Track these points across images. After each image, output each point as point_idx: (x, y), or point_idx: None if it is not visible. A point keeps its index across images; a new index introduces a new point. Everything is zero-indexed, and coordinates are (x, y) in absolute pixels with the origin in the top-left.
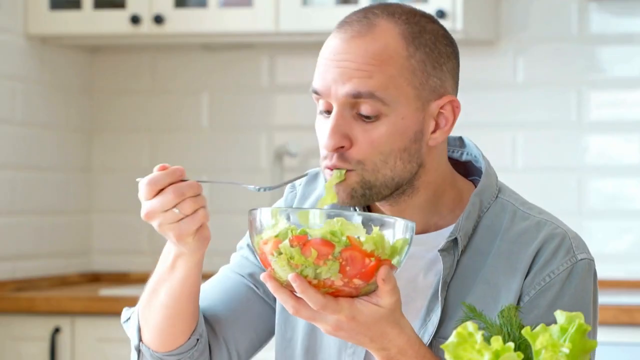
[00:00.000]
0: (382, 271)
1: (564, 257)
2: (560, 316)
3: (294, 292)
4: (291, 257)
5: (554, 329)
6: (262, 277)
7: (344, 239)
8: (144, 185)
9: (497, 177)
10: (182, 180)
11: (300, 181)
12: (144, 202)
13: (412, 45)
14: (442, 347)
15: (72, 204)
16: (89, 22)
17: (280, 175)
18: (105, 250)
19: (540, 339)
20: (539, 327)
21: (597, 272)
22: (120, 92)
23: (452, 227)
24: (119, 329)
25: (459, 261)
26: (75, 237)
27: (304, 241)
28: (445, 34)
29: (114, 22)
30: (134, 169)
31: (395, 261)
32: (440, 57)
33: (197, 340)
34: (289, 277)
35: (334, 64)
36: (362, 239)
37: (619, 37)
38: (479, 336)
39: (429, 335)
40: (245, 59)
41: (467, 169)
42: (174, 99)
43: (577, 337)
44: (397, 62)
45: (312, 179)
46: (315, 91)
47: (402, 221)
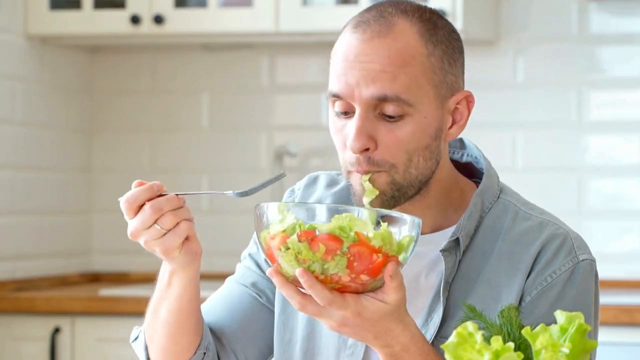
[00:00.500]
0: (390, 267)
1: (565, 257)
2: (560, 316)
3: (300, 288)
4: (299, 252)
5: (554, 329)
6: (268, 272)
7: (352, 234)
8: (122, 204)
9: (498, 178)
10: (161, 194)
11: (299, 185)
12: (128, 221)
13: (430, 43)
14: (442, 347)
15: (72, 204)
16: (89, 22)
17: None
18: (105, 250)
19: (540, 339)
20: (539, 327)
21: (597, 272)
22: (120, 92)
23: (454, 228)
24: (119, 329)
25: (460, 261)
26: (75, 237)
27: (312, 236)
28: (453, 28)
29: (114, 22)
30: (134, 169)
31: (401, 258)
32: (454, 52)
33: (204, 354)
34: (297, 272)
35: (356, 65)
36: (370, 235)
37: (619, 37)
38: (479, 336)
39: (430, 335)
40: (245, 59)
41: (467, 171)
42: (174, 99)
43: (577, 337)
44: (419, 62)
45: (311, 182)
46: (335, 94)
47: (409, 217)
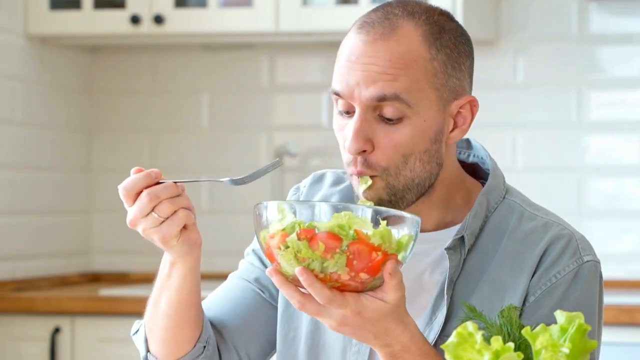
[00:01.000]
0: (389, 265)
1: (570, 258)
2: (560, 316)
3: (299, 287)
4: (298, 251)
5: (554, 329)
6: (268, 271)
7: (352, 232)
8: (120, 191)
9: (504, 179)
10: (159, 182)
11: (305, 182)
12: (127, 209)
13: (434, 47)
14: (442, 347)
15: (72, 204)
16: (89, 22)
17: (280, 175)
18: (105, 250)
19: (540, 339)
20: (539, 327)
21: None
22: (120, 92)
23: (459, 226)
24: (119, 329)
25: (465, 260)
26: (75, 237)
27: (311, 234)
28: (462, 32)
29: (114, 22)
30: None
31: (401, 257)
32: (459, 57)
33: (204, 347)
34: (296, 270)
35: (358, 66)
36: (370, 233)
37: (619, 37)
38: (479, 336)
39: (434, 333)
40: (245, 59)
41: (474, 172)
42: (174, 99)
43: (577, 337)
44: (420, 65)
45: (317, 180)
46: (336, 93)
47: (408, 216)
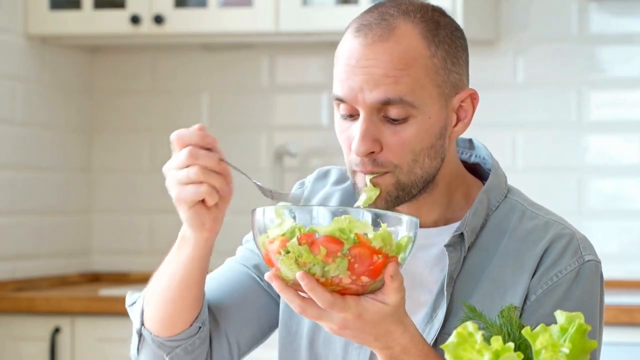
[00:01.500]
0: (390, 268)
1: (571, 257)
2: (560, 316)
3: (299, 292)
4: (299, 256)
5: (554, 329)
6: (267, 276)
7: (353, 236)
8: (172, 136)
9: (506, 178)
10: (208, 149)
11: (309, 178)
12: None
13: (432, 44)
14: (442, 347)
15: (72, 204)
16: (89, 22)
17: (280, 175)
18: (105, 250)
19: (540, 339)
20: (539, 327)
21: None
22: (120, 92)
23: (459, 223)
24: (119, 329)
25: (465, 258)
26: (75, 237)
27: (312, 239)
28: (456, 26)
29: (114, 22)
30: (134, 169)
31: (400, 258)
32: (457, 51)
33: (200, 328)
34: (297, 275)
35: (359, 70)
36: (370, 236)
37: (619, 37)
38: (479, 336)
39: (435, 330)
40: (245, 59)
41: (475, 172)
42: (174, 99)
43: (577, 337)
44: (421, 63)
45: (321, 176)
46: (338, 98)
47: (406, 217)
